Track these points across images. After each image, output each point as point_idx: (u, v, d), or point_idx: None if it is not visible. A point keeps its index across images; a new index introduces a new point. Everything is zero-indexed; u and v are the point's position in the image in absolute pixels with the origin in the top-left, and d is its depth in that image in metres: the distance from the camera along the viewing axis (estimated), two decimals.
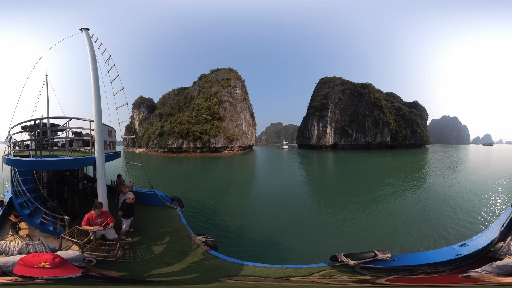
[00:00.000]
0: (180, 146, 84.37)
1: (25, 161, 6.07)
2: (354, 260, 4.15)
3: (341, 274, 4.14)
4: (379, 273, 4.02)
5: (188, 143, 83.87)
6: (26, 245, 4.33)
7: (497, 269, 3.41)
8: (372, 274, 4.05)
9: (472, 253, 4.04)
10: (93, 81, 6.18)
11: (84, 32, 6.88)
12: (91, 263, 4.68)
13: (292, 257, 7.69)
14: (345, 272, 4.16)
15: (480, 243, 4.20)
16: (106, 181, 6.38)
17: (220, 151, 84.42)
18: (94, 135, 6.14)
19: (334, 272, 4.19)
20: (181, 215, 7.70)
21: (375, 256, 4.11)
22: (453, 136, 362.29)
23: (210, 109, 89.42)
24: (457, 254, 4.03)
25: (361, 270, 4.11)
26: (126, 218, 6.37)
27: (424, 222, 10.87)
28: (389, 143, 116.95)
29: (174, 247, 5.74)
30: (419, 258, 4.19)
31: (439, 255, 4.14)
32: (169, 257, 5.25)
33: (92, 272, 4.40)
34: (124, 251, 5.48)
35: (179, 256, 5.29)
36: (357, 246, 7.89)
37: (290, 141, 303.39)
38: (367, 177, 26.30)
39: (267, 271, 4.49)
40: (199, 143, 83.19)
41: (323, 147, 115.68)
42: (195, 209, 13.07)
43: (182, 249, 5.61)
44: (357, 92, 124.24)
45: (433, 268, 3.96)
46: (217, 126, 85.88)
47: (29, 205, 6.35)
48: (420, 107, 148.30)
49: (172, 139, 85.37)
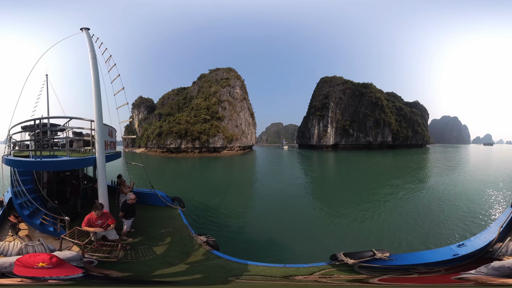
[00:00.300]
0: (178, 146, 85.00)
1: (24, 162, 6.09)
2: (353, 259, 4.23)
3: (340, 273, 4.20)
4: (375, 273, 4.10)
5: (187, 143, 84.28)
6: (25, 246, 4.35)
7: (493, 271, 3.39)
8: (369, 273, 4.12)
9: (470, 254, 4.07)
10: (94, 80, 6.22)
11: (84, 31, 6.94)
12: (92, 264, 4.70)
13: (292, 257, 7.80)
14: (344, 271, 4.22)
15: (478, 243, 4.24)
16: (106, 182, 6.41)
17: (219, 151, 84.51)
18: (94, 135, 6.17)
19: (334, 271, 4.26)
20: (182, 215, 7.76)
21: (374, 255, 4.20)
22: (453, 136, 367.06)
23: (209, 108, 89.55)
24: (454, 254, 4.08)
25: (359, 269, 4.18)
26: (127, 218, 6.42)
27: (436, 222, 10.92)
28: (390, 143, 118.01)
29: (176, 247, 5.78)
30: (416, 258, 4.25)
31: (436, 255, 4.19)
32: (172, 257, 5.29)
33: (93, 272, 4.42)
34: (126, 252, 5.50)
35: (182, 256, 5.34)
36: (361, 247, 7.96)
37: (290, 141, 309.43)
38: (371, 178, 25.93)
39: (270, 270, 4.56)
40: (198, 143, 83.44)
41: (324, 147, 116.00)
42: (194, 209, 13.13)
43: (184, 249, 5.65)
44: (358, 91, 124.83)
45: (428, 268, 4.02)
46: (216, 126, 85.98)
47: (29, 206, 6.38)
48: (421, 107, 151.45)
49: (170, 139, 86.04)
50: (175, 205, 8.64)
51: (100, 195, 6.25)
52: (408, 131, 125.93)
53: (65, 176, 8.76)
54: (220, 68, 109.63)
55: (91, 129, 6.19)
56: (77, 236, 5.28)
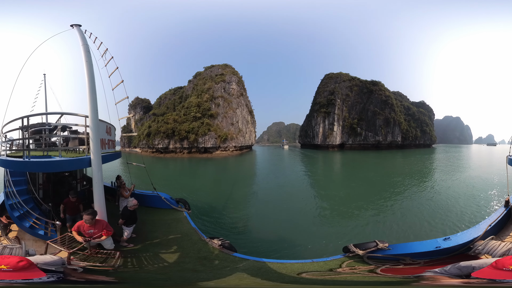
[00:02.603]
0: (166, 147, 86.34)
1: (11, 162, 6.08)
2: (362, 250, 4.85)
3: (357, 264, 4.74)
4: (377, 263, 4.68)
5: (175, 143, 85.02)
6: (2, 248, 4.54)
7: (456, 270, 3.57)
8: (375, 264, 4.68)
9: (452, 248, 4.51)
10: (88, 74, 6.11)
11: (75, 28, 7.03)
12: (76, 271, 4.71)
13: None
14: (358, 262, 4.77)
15: (462, 238, 4.67)
16: (103, 185, 6.20)
17: (211, 152, 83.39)
18: (89, 132, 5.93)
19: (353, 263, 4.80)
20: (188, 218, 7.79)
21: (377, 245, 4.84)
22: (456, 136, 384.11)
23: (200, 106, 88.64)
24: (436, 246, 4.54)
25: (368, 260, 4.77)
26: (128, 226, 6.38)
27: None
28: (400, 143, 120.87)
29: (189, 252, 5.74)
30: (407, 248, 4.79)
31: (422, 246, 4.71)
32: (190, 264, 5.21)
33: (72, 277, 4.49)
34: (126, 260, 5.36)
35: (203, 262, 5.28)
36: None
37: (292, 141, 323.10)
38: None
39: (302, 267, 4.83)
40: (186, 143, 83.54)
41: (330, 147, 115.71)
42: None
43: (200, 254, 5.62)
44: (367, 89, 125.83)
45: (413, 260, 4.54)
46: (207, 124, 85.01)
47: (19, 208, 6.48)
48: (427, 107, 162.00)
49: (158, 139, 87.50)
50: (180, 207, 8.66)
51: (96, 201, 6.00)
52: (417, 131, 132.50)
53: (64, 177, 8.72)
54: (215, 65, 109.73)
55: (86, 126, 5.95)
56: (68, 242, 5.36)
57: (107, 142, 7.20)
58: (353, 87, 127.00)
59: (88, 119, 5.95)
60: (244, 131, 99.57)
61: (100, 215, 5.82)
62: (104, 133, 6.81)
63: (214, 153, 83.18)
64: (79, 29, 6.97)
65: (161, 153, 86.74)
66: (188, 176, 32.79)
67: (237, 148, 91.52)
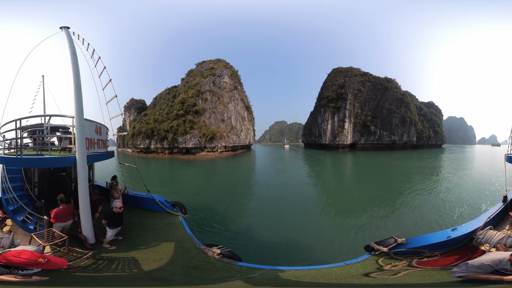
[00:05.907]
0: (147, 147, 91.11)
1: (5, 158, 7.55)
2: (385, 247, 5.54)
3: (390, 261, 5.28)
4: (403, 257, 5.37)
5: (156, 143, 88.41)
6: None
7: (476, 269, 4.09)
8: (402, 258, 5.32)
9: (459, 237, 5.46)
10: (74, 75, 7.06)
11: (64, 30, 8.13)
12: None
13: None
14: (389, 259, 5.32)
15: (467, 229, 5.65)
16: (87, 184, 6.96)
17: (193, 153, 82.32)
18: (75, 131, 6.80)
19: (384, 260, 5.31)
20: (184, 223, 8.17)
21: (396, 241, 5.62)
22: (460, 137, 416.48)
23: (184, 102, 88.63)
24: (447, 236, 5.52)
25: (394, 255, 5.49)
26: (111, 227, 6.90)
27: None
28: (415, 143, 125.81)
29: (176, 260, 5.85)
30: (423, 240, 5.65)
31: (435, 237, 5.64)
32: (173, 273, 5.30)
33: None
34: (96, 262, 5.75)
35: (190, 271, 5.39)
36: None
37: (294, 140, 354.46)
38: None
39: (316, 272, 5.15)
40: (166, 143, 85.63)
41: (340, 147, 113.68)
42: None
43: (191, 263, 5.73)
44: (381, 85, 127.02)
45: (431, 252, 5.38)
46: (190, 121, 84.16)
47: (14, 203, 7.75)
48: (436, 107, 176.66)
49: (139, 139, 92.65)
50: (175, 211, 9.14)
51: (81, 199, 6.65)
52: (430, 131, 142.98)
53: (61, 177, 9.81)
54: (206, 60, 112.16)
55: (73, 126, 6.89)
56: (50, 236, 6.45)
57: (96, 141, 8.14)
58: (366, 82, 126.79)
59: (74, 119, 6.94)
60: (238, 128, 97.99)
61: (84, 213, 6.80)
62: (92, 133, 7.99)
63: (197, 154, 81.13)
64: (67, 32, 8.05)
65: (144, 153, 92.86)
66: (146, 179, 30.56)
67: (228, 148, 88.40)
